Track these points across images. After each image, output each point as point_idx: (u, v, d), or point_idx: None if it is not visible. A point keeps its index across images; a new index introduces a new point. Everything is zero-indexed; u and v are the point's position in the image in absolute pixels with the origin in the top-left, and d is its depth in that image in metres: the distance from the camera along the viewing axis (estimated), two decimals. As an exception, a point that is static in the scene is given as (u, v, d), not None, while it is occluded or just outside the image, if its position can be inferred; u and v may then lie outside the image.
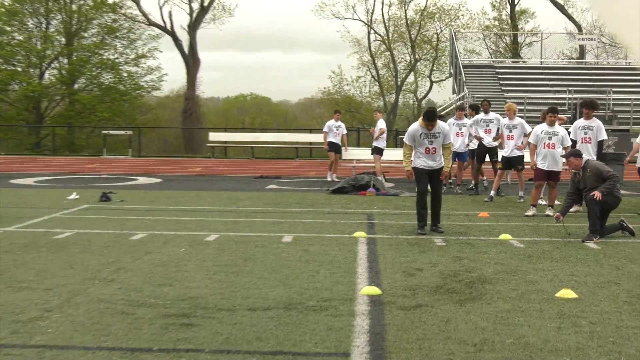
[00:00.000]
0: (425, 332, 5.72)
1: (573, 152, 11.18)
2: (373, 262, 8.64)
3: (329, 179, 20.00)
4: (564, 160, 12.27)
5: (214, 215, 12.80)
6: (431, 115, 10.47)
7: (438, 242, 10.12)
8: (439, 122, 10.66)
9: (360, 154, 22.41)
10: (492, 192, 15.02)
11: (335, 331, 5.71)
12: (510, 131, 15.08)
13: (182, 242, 9.89)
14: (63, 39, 45.39)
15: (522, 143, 14.72)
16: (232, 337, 5.52)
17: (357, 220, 12.27)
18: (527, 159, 14.31)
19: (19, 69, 44.76)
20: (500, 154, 15.78)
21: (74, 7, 45.32)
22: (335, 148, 20.31)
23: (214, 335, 5.57)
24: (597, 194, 10.13)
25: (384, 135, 19.46)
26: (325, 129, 20.76)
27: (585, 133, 13.24)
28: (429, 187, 11.03)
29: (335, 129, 20.32)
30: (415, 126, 10.75)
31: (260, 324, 5.90)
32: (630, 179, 18.17)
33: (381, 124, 19.37)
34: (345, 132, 21.25)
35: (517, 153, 14.94)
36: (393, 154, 21.12)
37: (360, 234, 10.61)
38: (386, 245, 9.82)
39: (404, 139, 11.19)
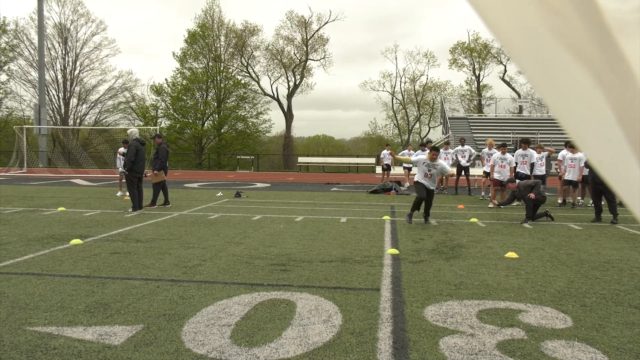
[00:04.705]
0: (425, 276, 5.61)
1: (509, 180, 10.98)
2: (394, 234, 8.52)
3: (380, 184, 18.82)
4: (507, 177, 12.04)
5: (300, 205, 12.83)
6: (437, 150, 9.97)
7: (433, 223, 9.93)
8: (439, 159, 9.92)
9: (395, 170, 21.29)
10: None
11: (371, 275, 5.64)
12: (488, 157, 14.30)
13: (282, 221, 9.93)
14: (215, 103, 46.06)
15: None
16: (310, 278, 5.50)
17: (384, 209, 12.14)
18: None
19: (190, 120, 45.64)
20: (483, 169, 14.84)
21: (222, 85, 46.11)
22: (387, 167, 19.46)
23: (299, 276, 5.56)
24: (532, 195, 10.00)
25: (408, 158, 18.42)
26: (381, 156, 19.91)
27: (523, 158, 12.99)
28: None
29: (387, 156, 19.23)
30: (423, 156, 10.07)
31: (326, 270, 5.87)
32: (551, 185, 17.52)
33: (410, 153, 18.22)
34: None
35: (487, 170, 14.11)
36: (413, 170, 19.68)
37: (386, 217, 10.51)
38: (402, 224, 9.67)
39: (412, 158, 10.66)
